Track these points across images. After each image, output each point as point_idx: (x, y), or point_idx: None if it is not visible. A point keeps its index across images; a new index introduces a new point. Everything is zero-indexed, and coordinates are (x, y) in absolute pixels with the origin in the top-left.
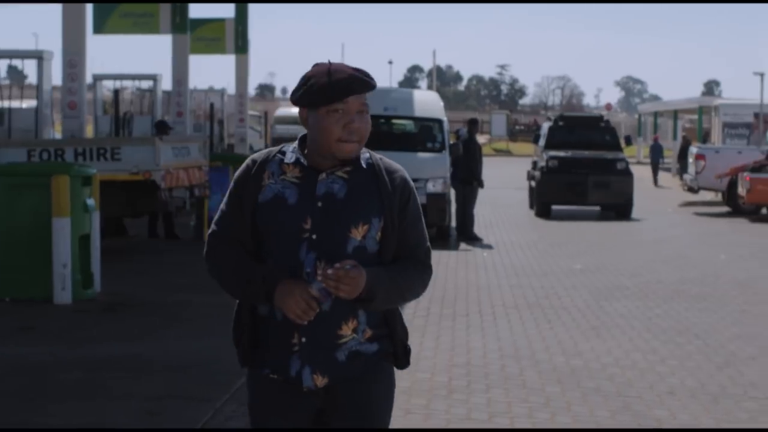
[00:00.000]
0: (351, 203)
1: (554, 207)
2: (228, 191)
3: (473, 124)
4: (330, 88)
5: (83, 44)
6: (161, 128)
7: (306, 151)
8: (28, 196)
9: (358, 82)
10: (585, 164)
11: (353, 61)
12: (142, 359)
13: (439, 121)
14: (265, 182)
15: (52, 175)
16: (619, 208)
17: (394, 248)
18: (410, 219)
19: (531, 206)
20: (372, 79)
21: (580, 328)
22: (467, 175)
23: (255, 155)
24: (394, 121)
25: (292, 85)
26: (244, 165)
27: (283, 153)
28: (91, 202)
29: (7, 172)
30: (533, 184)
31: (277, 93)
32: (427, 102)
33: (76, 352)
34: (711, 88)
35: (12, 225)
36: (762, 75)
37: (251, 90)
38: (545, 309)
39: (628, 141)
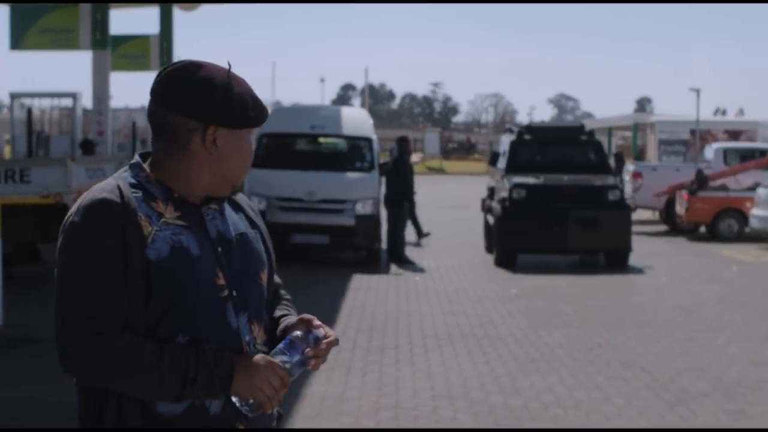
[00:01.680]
0: (244, 242)
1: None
2: (83, 256)
3: (403, 143)
4: (259, 105)
5: None
6: (87, 147)
7: (155, 179)
8: None
9: (262, 102)
10: (564, 194)
11: (286, 78)
12: (38, 405)
13: (369, 140)
14: (147, 230)
15: None
16: (611, 255)
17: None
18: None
19: (489, 250)
20: None
21: (518, 360)
22: (397, 195)
23: (106, 193)
24: (321, 139)
25: None
26: (99, 209)
27: (133, 186)
28: None
29: None
30: (490, 220)
31: None
32: (355, 120)
33: None
34: (643, 104)
35: None
36: (698, 91)
37: None
38: (480, 339)
39: (620, 160)
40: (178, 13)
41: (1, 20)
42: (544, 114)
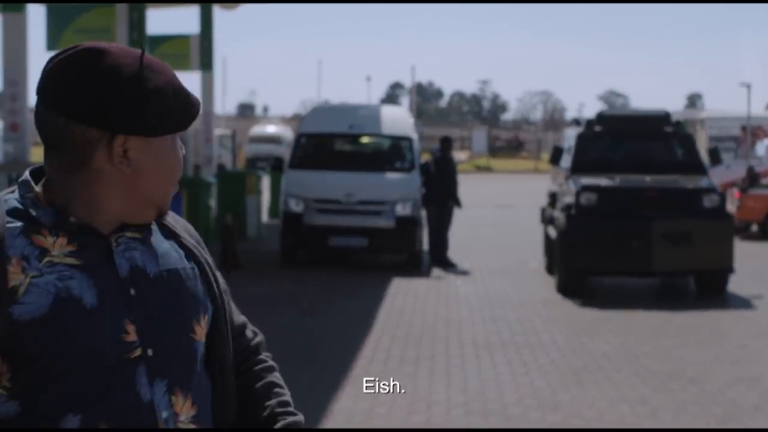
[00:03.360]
0: (173, 281)
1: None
2: None
3: (446, 142)
4: (183, 100)
5: (25, 61)
6: None
7: (46, 200)
8: None
9: (191, 94)
10: (646, 200)
11: (332, 77)
12: None
13: (409, 139)
14: (17, 280)
15: None
16: (705, 278)
17: (229, 341)
18: (224, 285)
19: (549, 270)
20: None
21: (560, 371)
22: (441, 196)
23: None
24: (360, 139)
25: (273, 103)
26: None
27: (14, 213)
28: None
29: None
30: (553, 233)
31: (258, 111)
32: (395, 119)
33: None
34: (693, 100)
35: None
36: (749, 86)
37: (232, 109)
38: (520, 348)
39: (715, 156)
40: (218, 12)
41: (37, 21)
42: (594, 111)
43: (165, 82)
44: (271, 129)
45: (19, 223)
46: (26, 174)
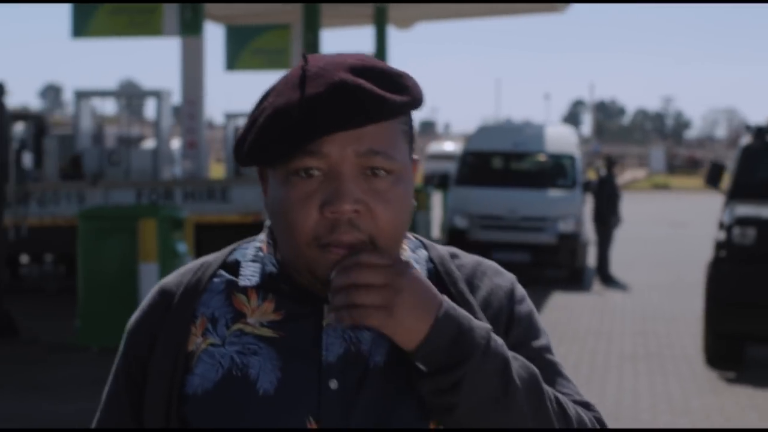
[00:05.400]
0: (403, 378)
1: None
2: (114, 366)
3: (610, 162)
4: (286, 119)
5: (202, 81)
6: None
7: (274, 252)
8: (115, 241)
9: (354, 99)
10: None
11: (510, 95)
12: None
13: (571, 157)
14: (194, 344)
15: (139, 218)
16: None
17: None
18: (534, 353)
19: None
20: (404, 87)
21: (697, 380)
22: (602, 213)
23: (168, 280)
24: (524, 157)
25: (455, 121)
26: (145, 303)
27: (235, 265)
28: (182, 246)
29: (93, 216)
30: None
31: (440, 129)
32: (559, 137)
33: None
34: None
35: (98, 270)
36: None
37: None
38: (664, 360)
39: None
40: (392, 31)
41: (216, 41)
42: None
43: (294, 100)
44: (448, 146)
45: (227, 278)
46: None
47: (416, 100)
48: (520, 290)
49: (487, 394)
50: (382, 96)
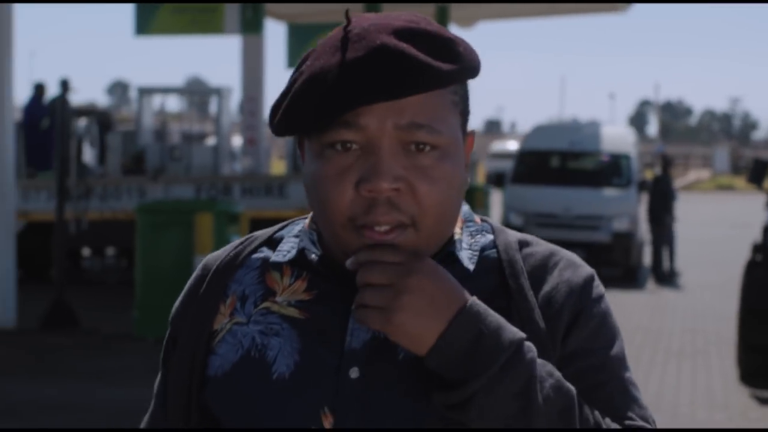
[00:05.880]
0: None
1: None
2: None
3: (666, 162)
4: (321, 85)
5: (262, 79)
6: None
7: (316, 228)
8: (172, 234)
9: (394, 66)
10: None
11: (575, 95)
12: None
13: (627, 157)
14: (221, 324)
15: (195, 212)
16: None
17: None
18: (598, 362)
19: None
20: (455, 54)
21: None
22: (657, 213)
23: (211, 255)
24: (580, 156)
25: (520, 119)
26: (188, 283)
27: (279, 241)
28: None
29: (151, 210)
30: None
31: (506, 127)
32: (615, 137)
33: None
34: None
35: (155, 263)
36: None
37: (479, 125)
38: (710, 357)
39: None
40: (454, 31)
41: (277, 39)
42: None
43: (326, 49)
44: (511, 145)
45: (266, 253)
46: None
47: (468, 69)
48: (597, 288)
49: (501, 416)
50: (426, 63)
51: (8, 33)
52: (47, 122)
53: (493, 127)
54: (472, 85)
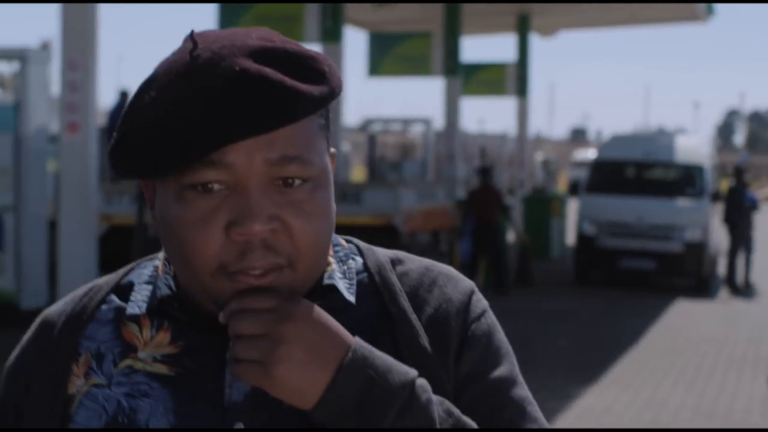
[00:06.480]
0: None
1: None
2: None
3: (739, 172)
4: (174, 121)
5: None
6: (484, 173)
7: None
8: None
9: (261, 96)
10: None
11: (659, 103)
12: None
13: (700, 168)
14: (75, 387)
15: None
16: None
17: None
18: (492, 386)
19: None
20: (319, 74)
21: None
22: (731, 223)
23: (51, 309)
24: (653, 166)
25: (606, 128)
26: (24, 338)
27: (128, 288)
28: None
29: None
30: None
31: (592, 136)
32: (689, 148)
33: None
34: None
35: None
36: None
37: (564, 133)
38: None
39: None
40: (535, 39)
41: (358, 48)
42: None
43: (168, 72)
44: (591, 154)
45: (117, 304)
46: None
47: (335, 89)
48: (479, 303)
49: None
50: (295, 89)
51: (93, 34)
52: None
53: (579, 136)
54: (560, 92)
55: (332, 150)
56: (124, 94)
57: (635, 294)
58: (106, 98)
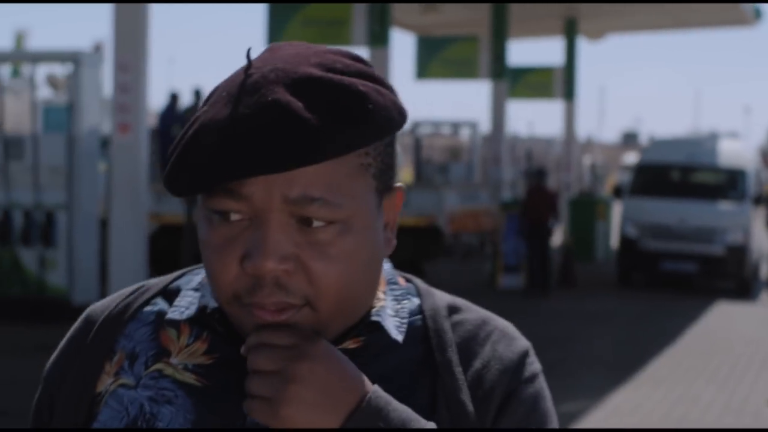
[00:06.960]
0: None
1: None
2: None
3: None
4: (205, 143)
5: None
6: (538, 176)
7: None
8: None
9: (280, 133)
10: None
11: (710, 107)
12: None
13: (742, 172)
14: (104, 385)
15: None
16: None
17: None
18: None
19: None
20: (362, 112)
21: None
22: None
23: (96, 305)
24: (696, 170)
25: (658, 132)
26: (69, 333)
27: (176, 293)
28: None
29: None
30: None
31: (643, 139)
32: (732, 152)
33: None
34: None
35: None
36: None
37: (614, 137)
38: None
39: None
40: (583, 43)
41: (407, 51)
42: None
43: (220, 99)
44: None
45: (160, 307)
46: None
47: (379, 129)
48: (531, 365)
49: None
50: (317, 130)
51: (144, 36)
52: (178, 129)
53: (630, 140)
54: (611, 96)
55: (398, 184)
56: (174, 96)
57: (676, 296)
58: (156, 100)
